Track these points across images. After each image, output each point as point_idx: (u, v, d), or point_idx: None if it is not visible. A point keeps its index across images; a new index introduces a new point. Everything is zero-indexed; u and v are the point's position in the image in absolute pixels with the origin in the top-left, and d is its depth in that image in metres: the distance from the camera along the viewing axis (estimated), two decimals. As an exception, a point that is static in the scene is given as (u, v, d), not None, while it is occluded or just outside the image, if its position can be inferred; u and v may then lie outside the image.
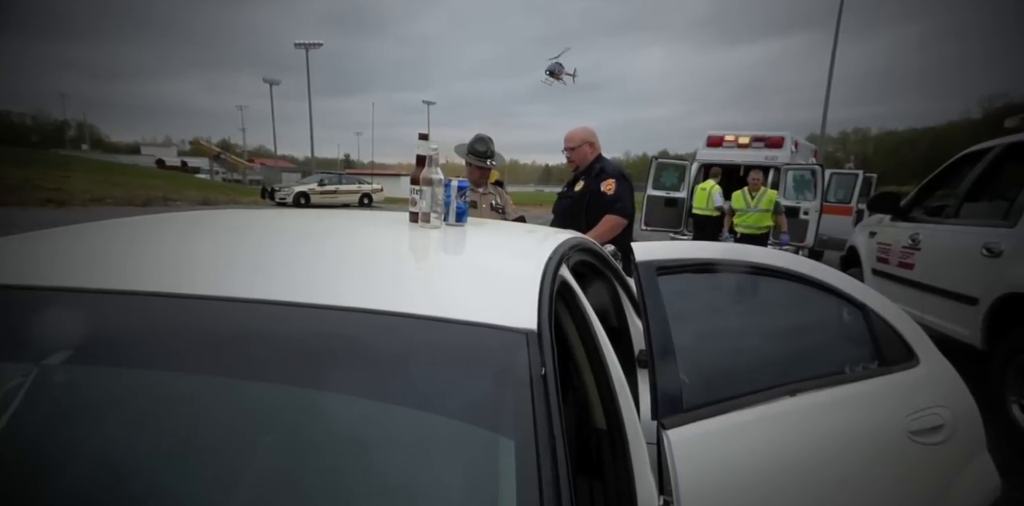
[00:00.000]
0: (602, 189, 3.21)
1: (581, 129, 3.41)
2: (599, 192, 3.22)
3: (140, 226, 1.28)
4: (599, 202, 3.21)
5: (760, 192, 6.94)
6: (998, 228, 3.21)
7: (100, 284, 0.84)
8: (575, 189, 3.38)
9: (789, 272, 1.48)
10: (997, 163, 3.78)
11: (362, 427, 0.72)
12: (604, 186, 3.21)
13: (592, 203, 3.25)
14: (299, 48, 34.80)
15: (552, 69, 29.15)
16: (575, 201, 3.34)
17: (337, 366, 0.74)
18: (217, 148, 50.53)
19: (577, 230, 3.10)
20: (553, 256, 1.14)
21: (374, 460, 0.71)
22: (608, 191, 3.21)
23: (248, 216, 1.55)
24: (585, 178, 3.34)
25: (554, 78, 29.41)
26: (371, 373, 0.74)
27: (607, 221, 3.16)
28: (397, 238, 1.31)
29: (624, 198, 3.25)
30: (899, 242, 4.24)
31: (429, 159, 1.44)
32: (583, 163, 3.38)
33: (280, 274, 0.93)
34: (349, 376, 0.73)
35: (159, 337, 0.78)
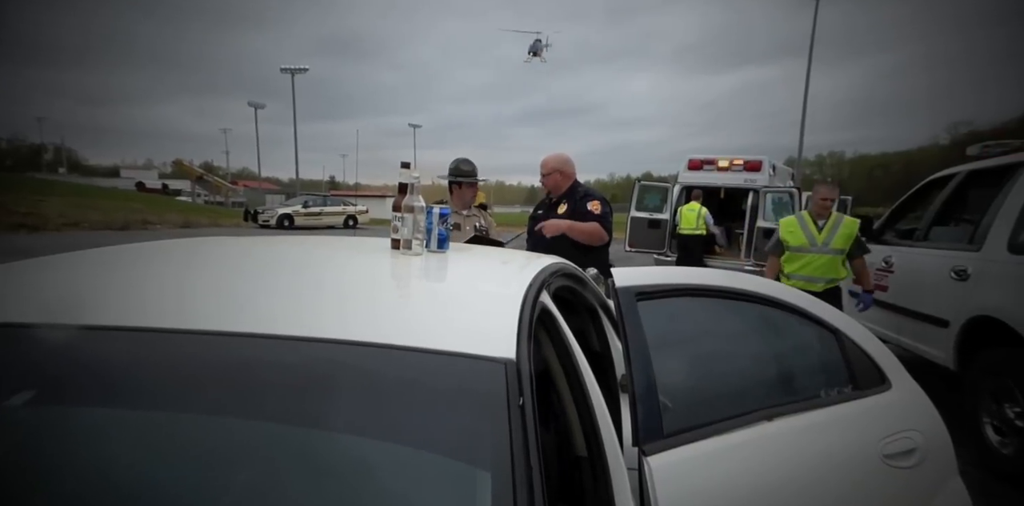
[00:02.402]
0: (588, 208, 3.34)
1: (554, 156, 3.52)
2: (586, 211, 3.33)
3: (110, 257, 1.25)
4: (587, 217, 3.31)
5: (833, 220, 3.85)
6: (965, 252, 3.29)
7: (61, 319, 0.82)
8: (558, 212, 3.46)
9: (765, 297, 1.51)
10: (961, 188, 3.92)
11: (335, 461, 0.71)
12: (591, 206, 3.34)
13: (579, 220, 3.33)
14: (285, 73, 35.01)
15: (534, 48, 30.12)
16: None
17: (310, 399, 0.73)
18: (200, 170, 50.13)
19: (561, 250, 3.05)
20: (534, 282, 1.15)
21: (346, 495, 0.70)
22: (595, 210, 3.34)
23: (223, 244, 1.53)
24: (568, 201, 3.43)
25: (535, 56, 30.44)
26: (344, 405, 0.73)
27: (592, 225, 3.25)
28: (377, 266, 1.32)
29: (608, 217, 3.38)
30: (873, 264, 4.33)
31: (411, 187, 1.46)
32: (555, 189, 3.50)
33: (254, 306, 0.92)
34: (322, 409, 0.72)
35: (125, 373, 0.76)
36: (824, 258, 3.83)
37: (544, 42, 30.04)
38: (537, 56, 30.35)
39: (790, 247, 3.96)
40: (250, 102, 39.00)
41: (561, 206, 3.46)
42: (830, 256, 3.83)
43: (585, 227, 3.23)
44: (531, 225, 3.64)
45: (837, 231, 3.83)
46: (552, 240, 3.38)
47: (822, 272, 3.85)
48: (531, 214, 3.76)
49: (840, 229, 3.84)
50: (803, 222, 3.97)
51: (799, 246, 3.92)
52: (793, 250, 3.95)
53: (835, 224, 3.85)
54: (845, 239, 3.81)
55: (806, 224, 3.94)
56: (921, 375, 1.61)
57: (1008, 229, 3.02)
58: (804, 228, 3.93)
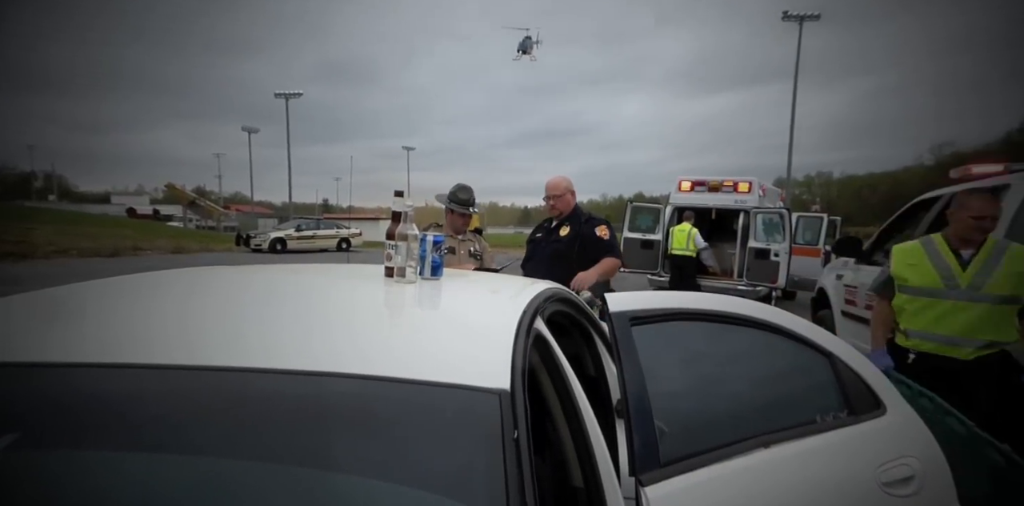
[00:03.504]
0: (597, 234, 3.36)
1: (562, 178, 3.56)
2: (595, 237, 3.36)
3: (97, 291, 1.23)
4: (595, 247, 3.34)
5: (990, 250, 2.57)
6: None
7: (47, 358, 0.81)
8: (560, 234, 3.47)
9: (760, 321, 1.51)
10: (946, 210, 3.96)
11: (324, 496, 0.70)
12: (599, 231, 3.37)
13: (585, 247, 3.35)
14: (279, 97, 35.35)
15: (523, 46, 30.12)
16: (564, 246, 3.41)
17: (298, 433, 0.72)
18: (192, 194, 50.05)
19: (565, 274, 3.15)
20: (528, 309, 1.15)
21: None
22: (604, 236, 3.37)
23: (213, 275, 1.52)
24: (571, 224, 3.45)
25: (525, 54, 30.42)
26: (334, 440, 0.72)
27: (608, 262, 3.29)
28: (370, 295, 1.31)
29: (616, 244, 3.43)
30: (864, 285, 4.34)
31: (404, 215, 1.46)
32: (567, 210, 3.51)
33: (244, 339, 0.91)
34: (311, 444, 0.71)
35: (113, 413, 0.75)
36: (975, 308, 2.48)
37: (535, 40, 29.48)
38: (527, 54, 29.89)
39: (909, 288, 2.63)
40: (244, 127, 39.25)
41: (563, 228, 3.46)
42: (986, 306, 2.46)
43: (607, 268, 3.27)
44: (529, 248, 3.64)
45: (998, 267, 2.46)
46: (550, 264, 3.39)
47: (970, 330, 2.48)
48: (529, 237, 3.75)
49: (1005, 263, 2.46)
50: (934, 251, 2.60)
51: (927, 288, 2.57)
52: (914, 293, 2.61)
53: (994, 255, 2.49)
54: (1017, 280, 2.44)
55: (940, 254, 2.57)
56: None
57: None
58: (936, 260, 2.57)
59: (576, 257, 3.33)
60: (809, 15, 24.19)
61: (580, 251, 3.35)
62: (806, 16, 24.17)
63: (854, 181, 62.01)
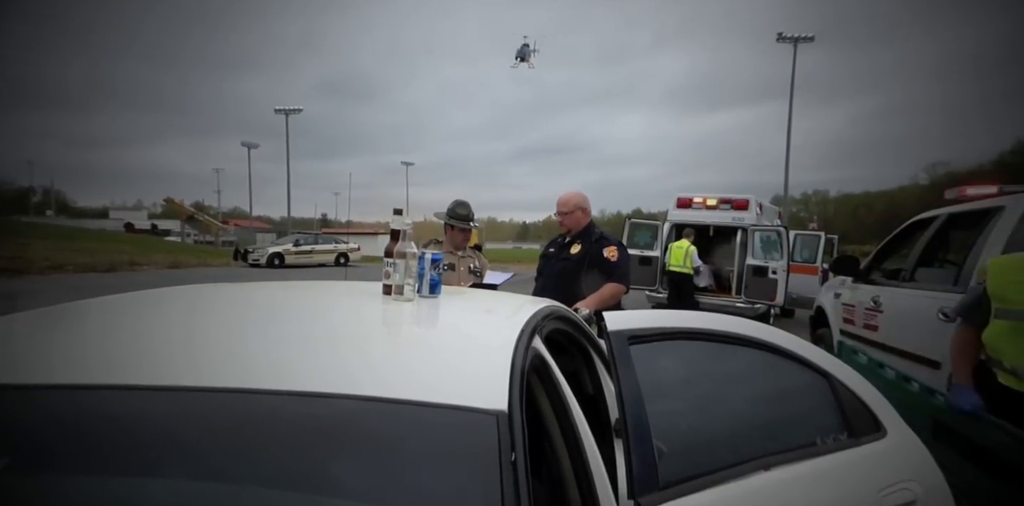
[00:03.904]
0: (605, 255, 3.24)
1: (574, 194, 3.47)
2: (602, 258, 3.25)
3: (93, 310, 1.23)
4: (601, 268, 3.23)
5: None
6: (950, 293, 3.30)
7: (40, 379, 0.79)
8: (571, 251, 3.39)
9: (759, 341, 1.50)
10: (942, 231, 3.98)
11: None
12: (607, 252, 3.25)
13: (593, 267, 3.25)
14: (280, 113, 35.63)
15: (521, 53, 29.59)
16: (573, 264, 3.33)
17: (290, 456, 0.71)
18: (191, 209, 50.12)
19: (573, 293, 3.12)
20: (526, 328, 1.14)
21: None
22: (611, 258, 3.24)
23: (209, 293, 1.51)
24: (582, 242, 3.35)
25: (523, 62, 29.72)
26: (327, 463, 0.71)
27: (609, 288, 3.15)
28: (367, 314, 1.31)
29: (625, 266, 3.29)
30: (862, 304, 4.35)
31: (403, 233, 1.47)
32: (576, 227, 3.42)
33: (237, 359, 0.90)
34: (304, 466, 0.70)
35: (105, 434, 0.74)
36: None
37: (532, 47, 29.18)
38: (525, 62, 29.65)
39: (1010, 312, 2.09)
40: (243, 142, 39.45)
41: (574, 246, 3.38)
42: None
43: (604, 296, 3.13)
44: (540, 263, 3.59)
45: None
46: (557, 282, 3.35)
47: None
48: (542, 252, 3.67)
49: None
50: None
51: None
52: (1017, 317, 2.07)
53: None
54: None
55: None
56: None
57: None
58: None
59: (584, 277, 3.25)
60: (803, 37, 24.61)
61: (588, 271, 3.25)
62: (800, 38, 24.59)
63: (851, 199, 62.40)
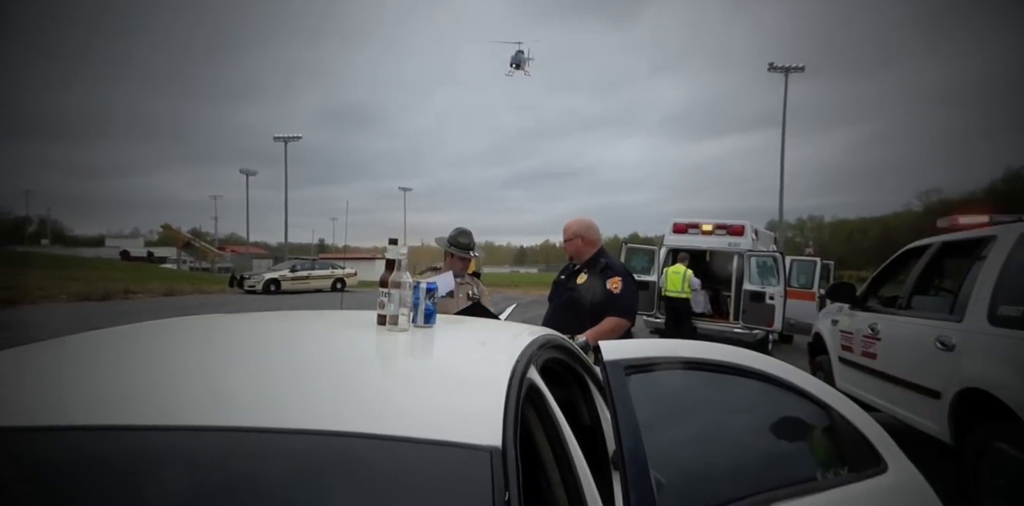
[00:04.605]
0: (608, 286, 3.11)
1: (576, 221, 3.37)
2: (605, 289, 3.11)
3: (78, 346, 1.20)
4: (605, 299, 3.11)
5: None
6: (948, 322, 3.29)
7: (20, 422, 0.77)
8: (577, 281, 3.27)
9: (757, 372, 1.49)
10: (936, 259, 4.01)
11: None
12: (611, 284, 3.12)
13: (597, 299, 3.13)
14: (279, 141, 36.01)
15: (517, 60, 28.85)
16: (578, 294, 3.23)
17: (278, 496, 0.69)
18: (188, 235, 50.09)
19: (578, 323, 3.06)
20: (521, 358, 1.13)
21: None
22: (614, 289, 3.10)
23: (194, 326, 1.49)
24: (588, 272, 3.23)
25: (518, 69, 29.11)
26: (315, 502, 0.68)
27: (609, 322, 3.04)
28: (359, 346, 1.29)
29: (629, 298, 3.16)
30: (860, 331, 4.33)
31: (398, 263, 1.47)
32: (576, 256, 3.33)
33: (224, 397, 0.88)
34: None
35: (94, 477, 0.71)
36: None
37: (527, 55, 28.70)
38: (520, 69, 29.08)
39: None
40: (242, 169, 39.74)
41: (581, 275, 3.27)
42: None
43: (603, 330, 3.01)
44: (552, 291, 3.51)
45: None
46: (564, 311, 3.29)
47: None
48: (554, 279, 3.56)
49: None
50: None
51: None
52: None
53: None
54: None
55: None
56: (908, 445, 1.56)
57: (987, 301, 3.04)
58: None
59: (589, 308, 3.13)
60: (794, 67, 25.17)
61: (593, 302, 3.13)
62: (791, 68, 25.15)
63: (845, 225, 62.82)
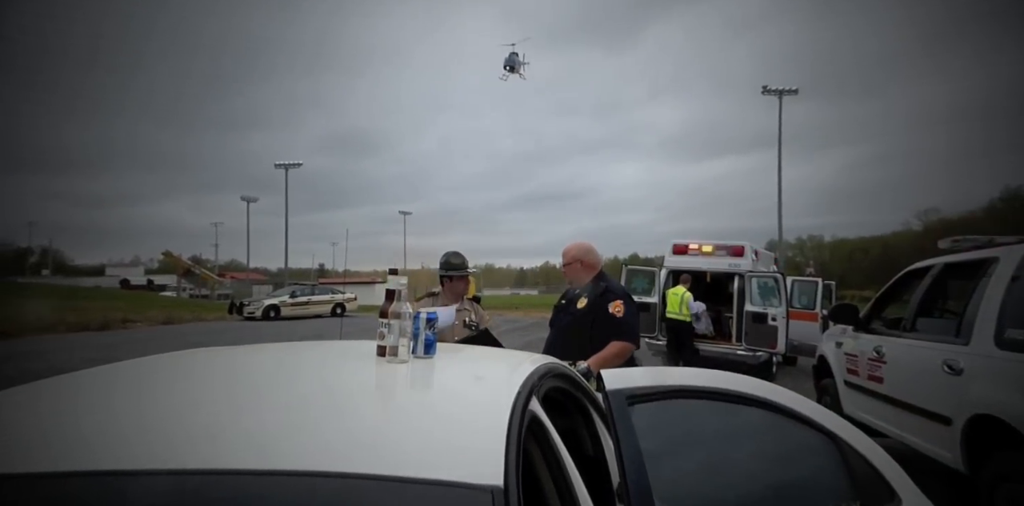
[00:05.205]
0: (610, 310, 3.07)
1: (575, 245, 3.37)
2: (607, 313, 3.07)
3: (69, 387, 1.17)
4: (606, 324, 3.07)
5: None
6: (954, 345, 3.25)
7: None
8: (577, 306, 3.23)
9: (762, 400, 1.47)
10: (939, 280, 3.99)
11: None
12: (612, 307, 3.07)
13: (598, 323, 3.09)
14: (280, 168, 36.32)
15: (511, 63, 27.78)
16: (578, 319, 3.20)
17: None
18: (188, 262, 50.17)
19: (579, 348, 3.03)
20: (523, 390, 1.12)
21: None
22: (617, 313, 3.06)
23: (187, 362, 1.46)
24: (589, 296, 3.20)
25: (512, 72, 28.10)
26: None
27: (614, 347, 2.98)
28: (357, 380, 1.28)
29: (632, 321, 3.12)
30: (865, 354, 4.28)
31: (398, 294, 1.46)
32: (575, 280, 3.31)
33: (217, 438, 0.86)
34: None
35: None
36: None
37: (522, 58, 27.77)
38: (515, 72, 28.07)
39: None
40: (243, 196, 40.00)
41: (581, 300, 3.23)
42: None
43: (607, 355, 2.96)
44: (553, 315, 3.48)
45: None
46: (565, 337, 3.27)
47: None
48: (555, 304, 3.53)
49: None
50: None
51: None
52: None
53: None
54: None
55: None
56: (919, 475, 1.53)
57: (992, 324, 3.01)
58: None
59: (590, 333, 3.10)
60: (788, 90, 25.57)
61: (595, 327, 3.09)
62: (785, 91, 25.54)
63: (845, 244, 62.86)
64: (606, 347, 2.99)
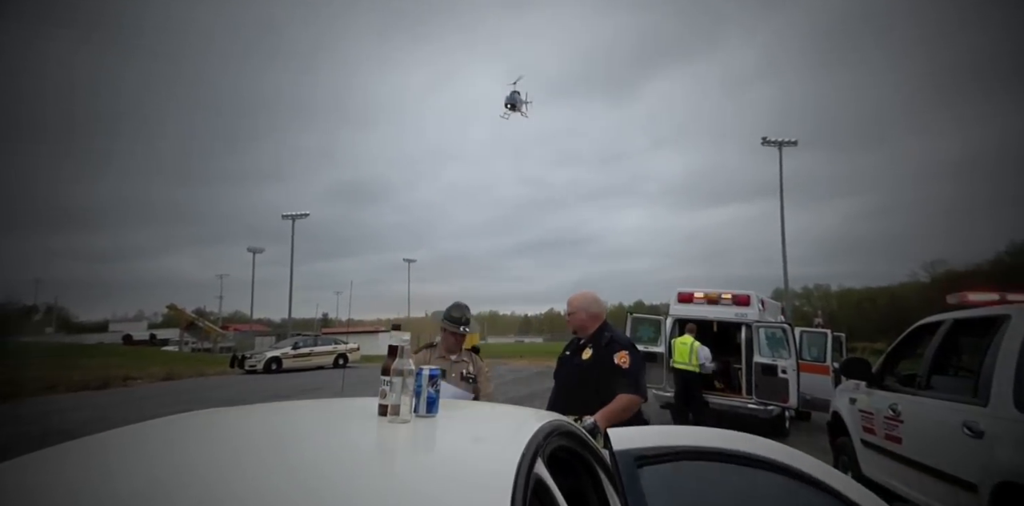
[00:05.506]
0: (616, 362, 3.01)
1: (581, 295, 3.35)
2: (612, 365, 3.02)
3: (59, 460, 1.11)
4: (612, 376, 3.01)
5: None
6: (972, 406, 3.15)
7: None
8: (582, 357, 3.18)
9: (777, 464, 1.41)
10: (951, 336, 3.92)
11: None
12: (618, 358, 3.02)
13: (604, 375, 3.04)
14: (287, 219, 36.86)
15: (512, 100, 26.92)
16: (583, 371, 3.15)
17: None
18: (192, 315, 50.04)
19: (585, 401, 2.97)
20: (527, 452, 1.09)
21: None
22: (623, 364, 3.00)
23: (181, 427, 1.42)
24: (593, 347, 3.16)
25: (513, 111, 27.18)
26: None
27: (620, 401, 2.91)
28: (358, 442, 1.24)
29: (638, 373, 3.06)
30: (880, 412, 4.15)
31: (401, 350, 1.44)
32: (581, 329, 3.27)
33: None
34: None
35: None
36: None
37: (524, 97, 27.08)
38: (516, 110, 27.18)
39: None
40: (249, 248, 40.45)
41: (585, 351, 3.19)
42: None
43: (616, 410, 2.88)
44: (557, 367, 3.44)
45: None
46: (570, 389, 3.22)
47: None
48: (560, 355, 3.48)
49: None
50: None
51: None
52: None
53: None
54: None
55: None
56: None
57: (1011, 385, 2.93)
58: None
59: (596, 385, 3.03)
60: (787, 141, 26.19)
61: (601, 379, 3.03)
62: (784, 142, 26.16)
63: (852, 294, 62.26)
64: (613, 401, 2.92)
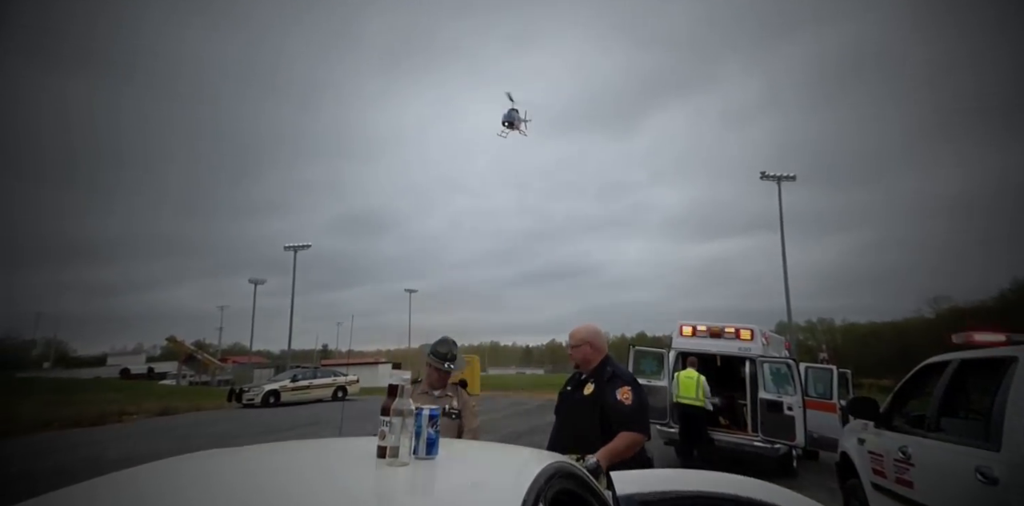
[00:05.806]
0: (619, 397, 2.96)
1: (584, 327, 3.32)
2: (616, 401, 2.97)
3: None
4: (614, 413, 2.95)
5: None
6: (984, 450, 3.07)
7: None
8: (584, 392, 3.13)
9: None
10: (958, 377, 3.86)
11: None
12: (620, 394, 2.97)
13: (606, 412, 2.99)
14: (288, 250, 36.98)
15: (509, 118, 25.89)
16: (585, 406, 3.09)
17: None
18: (191, 347, 49.67)
19: (586, 437, 2.92)
20: (528, 496, 1.07)
21: None
22: (625, 400, 2.95)
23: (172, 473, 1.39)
24: (595, 381, 3.11)
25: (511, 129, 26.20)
26: None
27: (623, 439, 2.83)
28: (356, 488, 1.21)
29: (642, 410, 3.00)
30: (890, 453, 4.05)
31: (401, 389, 1.43)
32: (584, 363, 3.23)
33: None
34: None
35: None
36: None
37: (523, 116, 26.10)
38: (514, 128, 26.32)
39: None
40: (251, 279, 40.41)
41: (587, 386, 3.14)
42: None
43: (619, 448, 2.81)
44: (558, 403, 3.38)
45: None
46: (571, 425, 3.17)
47: None
48: (560, 390, 3.43)
49: None
50: None
51: None
52: None
53: None
54: None
55: None
56: None
57: (1022, 430, 2.87)
58: None
59: (599, 422, 2.97)
60: (785, 176, 26.44)
61: (603, 415, 2.98)
62: (783, 176, 26.41)
63: (857, 328, 61.67)
64: (615, 439, 2.85)
